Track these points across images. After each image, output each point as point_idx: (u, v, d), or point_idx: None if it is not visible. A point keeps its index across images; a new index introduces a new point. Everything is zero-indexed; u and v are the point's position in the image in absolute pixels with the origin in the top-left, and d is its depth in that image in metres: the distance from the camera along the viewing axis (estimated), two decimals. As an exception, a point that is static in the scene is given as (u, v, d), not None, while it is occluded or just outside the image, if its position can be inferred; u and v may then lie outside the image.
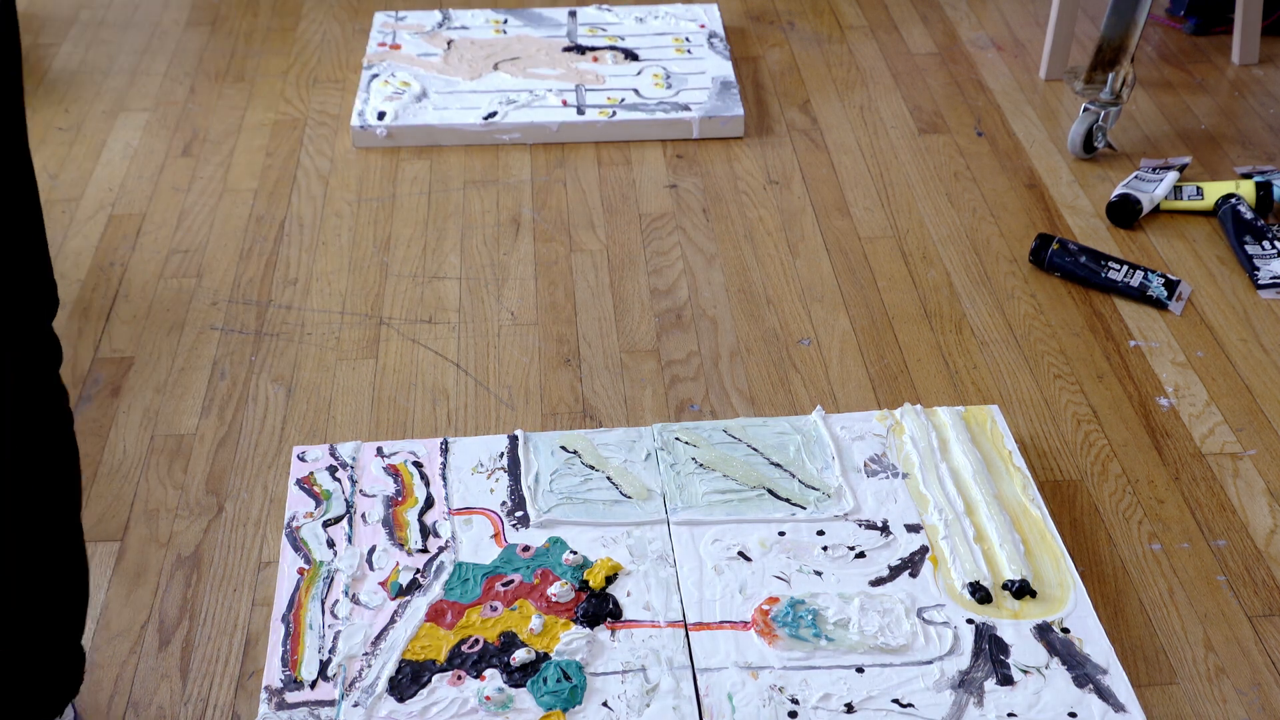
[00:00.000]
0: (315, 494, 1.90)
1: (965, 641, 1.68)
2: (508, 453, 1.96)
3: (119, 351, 2.21)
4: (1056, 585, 1.75)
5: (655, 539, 1.82)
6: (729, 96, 2.82)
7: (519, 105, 2.78)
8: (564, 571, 1.77)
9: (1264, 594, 1.79)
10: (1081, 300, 2.31)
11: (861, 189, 2.61)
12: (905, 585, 1.76)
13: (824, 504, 1.87)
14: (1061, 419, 2.07)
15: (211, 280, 2.37)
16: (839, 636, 1.69)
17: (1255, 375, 2.15)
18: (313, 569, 1.79)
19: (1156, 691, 1.66)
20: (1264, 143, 2.75)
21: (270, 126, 2.81)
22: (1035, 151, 2.72)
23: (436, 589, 1.76)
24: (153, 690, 1.67)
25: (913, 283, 2.36)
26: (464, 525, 1.85)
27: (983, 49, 3.11)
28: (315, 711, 1.61)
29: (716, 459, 1.95)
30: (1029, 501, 1.87)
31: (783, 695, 1.61)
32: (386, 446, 1.98)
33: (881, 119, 2.84)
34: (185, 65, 3.05)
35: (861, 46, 3.12)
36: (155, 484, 1.96)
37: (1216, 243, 2.46)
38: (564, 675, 1.64)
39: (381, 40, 3.04)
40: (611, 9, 3.18)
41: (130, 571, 1.82)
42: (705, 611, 1.72)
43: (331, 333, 2.24)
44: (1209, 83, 2.96)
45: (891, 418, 2.02)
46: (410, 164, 2.69)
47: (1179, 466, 1.98)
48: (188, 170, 2.68)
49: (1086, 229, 2.49)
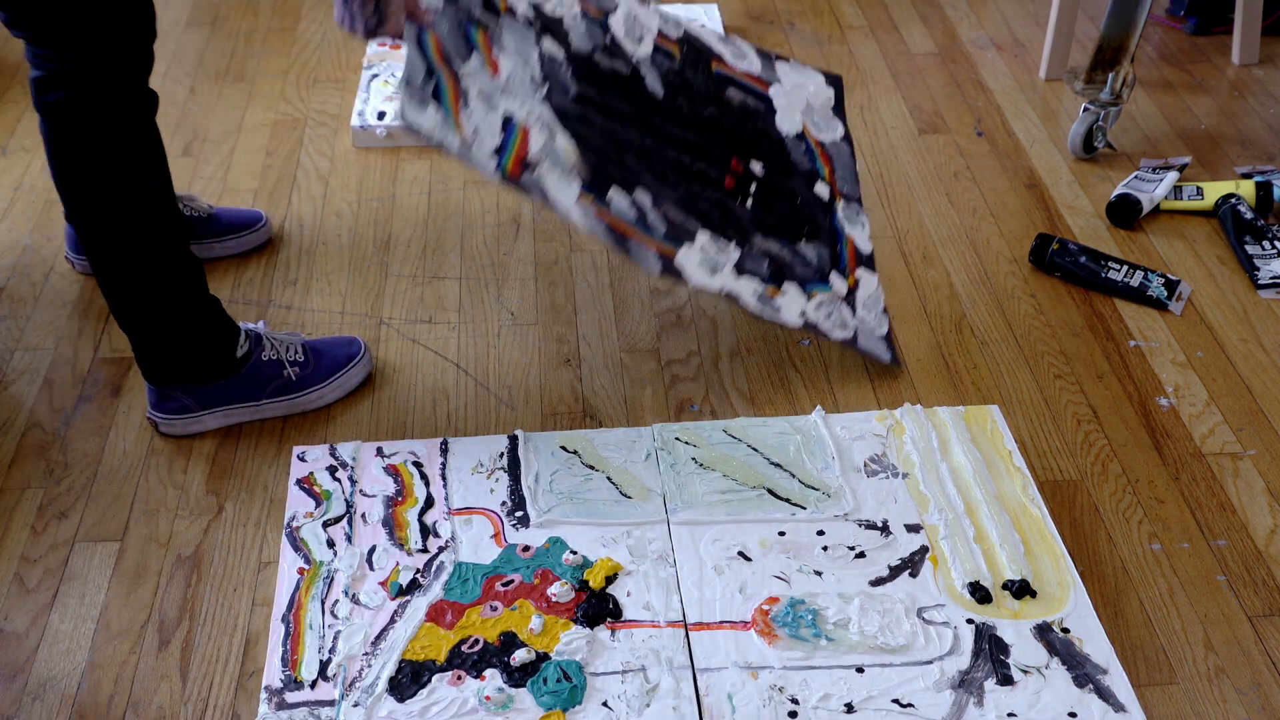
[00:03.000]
0: (315, 494, 1.90)
1: (965, 641, 1.68)
2: (508, 453, 1.96)
3: (119, 351, 2.21)
4: (1056, 585, 1.75)
5: (655, 539, 1.82)
6: (729, 96, 2.81)
7: (519, 105, 2.77)
8: (564, 571, 1.77)
9: (1264, 594, 1.79)
10: (1081, 300, 2.31)
11: (862, 189, 2.61)
12: (905, 585, 1.76)
13: (824, 504, 1.87)
14: (1061, 419, 2.07)
15: (212, 280, 2.36)
16: (839, 636, 1.69)
17: (1255, 375, 2.15)
18: (313, 569, 1.79)
19: (1156, 691, 1.66)
20: (1264, 143, 2.75)
21: (270, 126, 2.81)
22: (1035, 151, 2.72)
23: (436, 589, 1.76)
24: (153, 690, 1.67)
25: (913, 283, 2.36)
26: (464, 525, 1.85)
27: (983, 49, 3.11)
28: (315, 711, 1.61)
29: (716, 459, 1.95)
30: (1029, 501, 1.87)
31: (783, 695, 1.62)
32: (386, 446, 1.98)
33: (881, 119, 2.84)
34: (185, 65, 3.05)
35: (861, 46, 3.12)
36: (155, 484, 1.96)
37: (1216, 243, 2.46)
38: (564, 675, 1.64)
39: (381, 40, 3.04)
40: (611, 9, 3.17)
41: (130, 571, 1.82)
42: (705, 611, 1.72)
43: (331, 333, 2.24)
44: (1209, 83, 2.96)
45: (891, 418, 2.02)
46: (410, 164, 2.69)
47: (1179, 466, 1.98)
48: (188, 170, 2.68)
49: (1086, 229, 2.49)
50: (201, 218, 2.37)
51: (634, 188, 2.04)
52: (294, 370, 2.03)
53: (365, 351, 2.11)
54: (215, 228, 2.38)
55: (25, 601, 1.78)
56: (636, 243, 2.00)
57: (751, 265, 2.09)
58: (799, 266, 2.13)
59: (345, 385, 2.08)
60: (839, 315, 2.08)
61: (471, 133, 1.93)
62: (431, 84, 1.94)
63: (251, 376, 2.01)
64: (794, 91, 2.34)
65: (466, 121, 1.94)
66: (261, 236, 2.42)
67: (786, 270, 2.12)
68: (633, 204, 2.01)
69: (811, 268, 2.15)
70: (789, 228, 2.17)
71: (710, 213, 2.11)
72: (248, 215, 2.42)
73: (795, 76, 2.37)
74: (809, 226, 2.19)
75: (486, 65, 2.01)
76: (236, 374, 2.00)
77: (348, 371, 2.08)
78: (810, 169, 2.28)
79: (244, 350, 2.01)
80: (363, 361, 2.10)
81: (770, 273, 2.10)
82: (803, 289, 2.11)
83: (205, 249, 2.37)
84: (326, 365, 2.07)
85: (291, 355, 2.04)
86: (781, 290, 2.09)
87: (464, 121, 1.94)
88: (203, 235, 2.37)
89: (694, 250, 2.04)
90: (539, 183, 1.96)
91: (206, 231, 2.37)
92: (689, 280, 2.03)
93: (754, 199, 2.16)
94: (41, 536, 1.88)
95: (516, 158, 1.96)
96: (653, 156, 2.11)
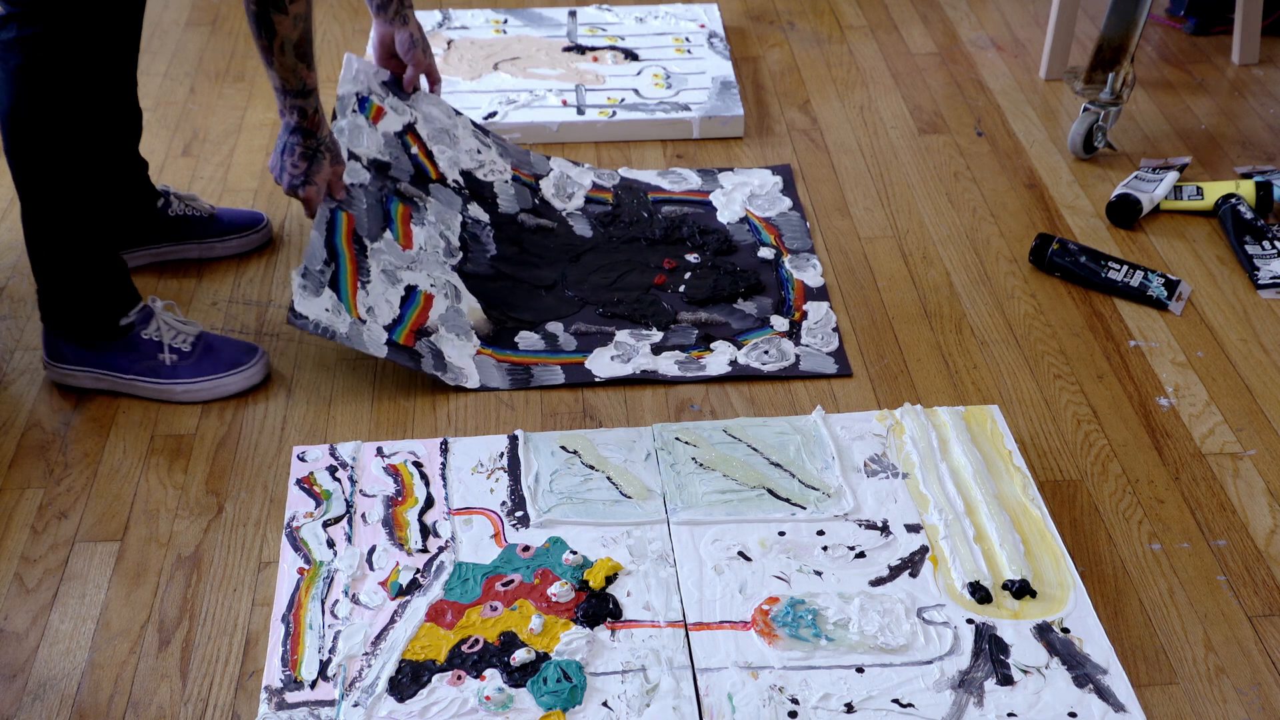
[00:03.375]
0: (315, 494, 1.90)
1: (965, 641, 1.68)
2: (508, 453, 1.96)
3: (119, 351, 2.21)
4: (1056, 585, 1.75)
5: (655, 539, 1.82)
6: (729, 96, 2.82)
7: (519, 105, 2.78)
8: (564, 571, 1.77)
9: (1264, 594, 1.79)
10: (1081, 300, 2.31)
11: (861, 189, 2.61)
12: (905, 585, 1.76)
13: (824, 504, 1.87)
14: (1061, 419, 2.07)
15: (211, 280, 2.37)
16: (839, 636, 1.69)
17: (1255, 375, 2.15)
18: (313, 569, 1.79)
19: (1156, 691, 1.66)
20: (1264, 143, 2.75)
21: (270, 126, 2.81)
22: (1035, 151, 2.72)
23: (436, 589, 1.76)
24: (153, 690, 1.67)
25: (913, 283, 2.36)
26: (464, 525, 1.85)
27: (983, 49, 3.11)
28: (315, 711, 1.61)
29: (716, 459, 1.95)
30: (1029, 501, 1.87)
31: (783, 695, 1.61)
32: (386, 446, 1.98)
33: (881, 119, 2.84)
34: (185, 65, 3.05)
35: (861, 46, 3.12)
36: (155, 484, 1.96)
37: (1216, 243, 2.46)
38: (564, 675, 1.64)
39: (381, 40, 3.04)
40: (611, 9, 3.18)
41: (130, 571, 1.82)
42: (705, 611, 1.72)
43: (331, 333, 2.24)
44: (1209, 83, 2.96)
45: (891, 418, 2.02)
46: (410, 164, 2.69)
47: (1179, 466, 1.98)
48: (188, 170, 2.68)
49: (1086, 229, 2.49)
50: (203, 218, 2.37)
51: (544, 323, 2.19)
52: (171, 357, 2.04)
53: (256, 363, 2.10)
54: (217, 228, 2.38)
55: (25, 601, 1.78)
56: (541, 368, 2.11)
57: (676, 340, 2.17)
58: (735, 322, 2.21)
59: (216, 390, 2.07)
60: (776, 350, 2.13)
61: (365, 311, 2.07)
62: (330, 270, 2.08)
63: (126, 348, 2.04)
64: (735, 190, 2.51)
65: (362, 302, 2.08)
66: (263, 237, 2.42)
67: (718, 331, 2.19)
68: (542, 336, 2.15)
69: (751, 318, 2.22)
70: (725, 293, 2.27)
71: (630, 313, 2.22)
72: (249, 216, 2.43)
73: (738, 178, 2.56)
74: (747, 286, 2.29)
75: (399, 239, 2.18)
76: (114, 341, 2.04)
77: (224, 377, 2.07)
78: (754, 241, 2.41)
79: (129, 321, 2.04)
80: (248, 372, 2.09)
81: (697, 339, 2.17)
82: (733, 341, 2.17)
83: (207, 249, 2.38)
84: (208, 364, 2.07)
85: (177, 342, 2.05)
86: (711, 350, 2.16)
87: (359, 302, 2.08)
88: (204, 235, 2.37)
89: (606, 350, 2.14)
90: (434, 345, 2.09)
91: (208, 232, 2.37)
92: (597, 377, 2.11)
93: (686, 284, 2.28)
94: (41, 536, 1.88)
95: (412, 327, 2.10)
96: (572, 288, 2.25)
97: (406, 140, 2.40)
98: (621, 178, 2.54)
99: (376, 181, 2.27)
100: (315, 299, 2.04)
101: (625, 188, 2.53)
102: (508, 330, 2.18)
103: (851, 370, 2.14)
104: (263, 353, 2.12)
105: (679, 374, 2.11)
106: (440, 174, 2.36)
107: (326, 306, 2.05)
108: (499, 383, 2.10)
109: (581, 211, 2.44)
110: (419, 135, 2.42)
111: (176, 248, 2.37)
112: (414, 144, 2.40)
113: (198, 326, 2.12)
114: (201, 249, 2.37)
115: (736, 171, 2.58)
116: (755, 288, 2.29)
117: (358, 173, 2.25)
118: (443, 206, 2.30)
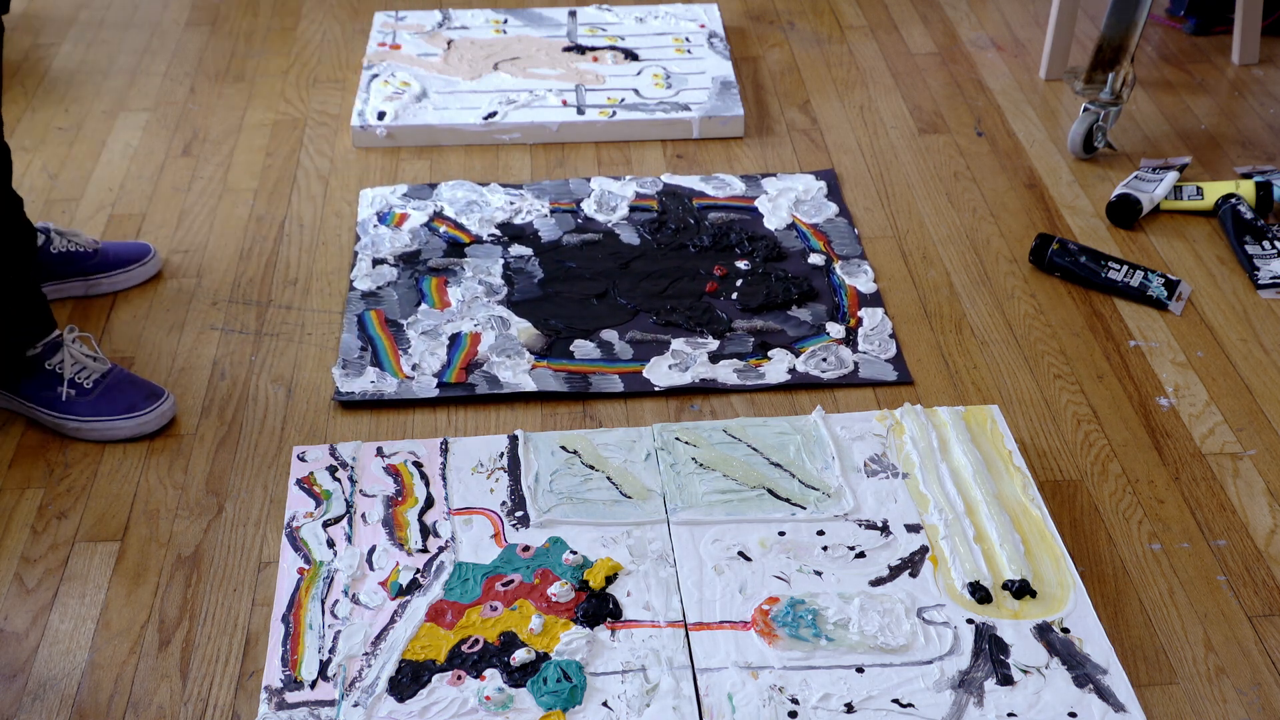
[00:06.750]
0: (315, 494, 1.90)
1: (965, 641, 1.68)
2: (508, 453, 1.96)
3: (119, 351, 2.21)
4: (1056, 585, 1.75)
5: (655, 539, 1.82)
6: (729, 96, 2.82)
7: (519, 105, 2.78)
8: (564, 571, 1.77)
9: (1264, 594, 1.79)
10: (1081, 300, 2.31)
11: (861, 189, 2.61)
12: (905, 585, 1.76)
13: (824, 504, 1.87)
14: (1061, 419, 2.07)
15: (211, 280, 2.37)
16: (839, 636, 1.69)
17: (1255, 375, 2.15)
18: (313, 569, 1.79)
19: (1156, 691, 1.66)
20: (1264, 143, 2.75)
21: (270, 126, 2.81)
22: (1035, 151, 2.72)
23: (436, 589, 1.76)
24: (153, 690, 1.67)
25: (913, 283, 2.36)
26: (464, 525, 1.85)
27: (983, 49, 3.11)
28: (315, 711, 1.61)
29: (716, 459, 1.95)
30: (1029, 501, 1.87)
31: (783, 695, 1.62)
32: (386, 446, 1.98)
33: (881, 119, 2.84)
34: (185, 65, 3.05)
35: (861, 46, 3.12)
36: (155, 484, 1.96)
37: (1216, 243, 2.46)
38: (564, 675, 1.64)
39: (381, 40, 3.04)
40: (611, 9, 3.18)
41: (130, 571, 1.82)
42: (705, 611, 1.72)
43: (331, 333, 2.24)
44: (1209, 83, 2.96)
45: (891, 418, 2.02)
46: (410, 164, 2.69)
47: (1179, 466, 1.98)
48: (188, 170, 2.68)
49: (1086, 229, 2.49)
50: (87, 253, 2.30)
51: (599, 331, 2.20)
52: (69, 392, 2.01)
53: (153, 410, 2.03)
54: (102, 262, 2.31)
55: (25, 601, 1.78)
56: (599, 376, 2.11)
57: (733, 348, 2.17)
58: (790, 329, 2.20)
59: (106, 432, 2.02)
60: (835, 358, 2.13)
61: (411, 369, 2.12)
62: (368, 354, 2.15)
63: (26, 375, 2.03)
64: (780, 195, 2.51)
65: (405, 363, 2.13)
66: (150, 270, 2.35)
67: (774, 339, 2.19)
68: (598, 345, 2.16)
69: (806, 325, 2.21)
70: (778, 300, 2.27)
71: (684, 320, 2.22)
72: (135, 249, 2.35)
73: (782, 183, 2.56)
74: (801, 293, 2.28)
75: (436, 306, 2.24)
76: (21, 369, 2.03)
77: (116, 420, 2.02)
78: (804, 247, 2.41)
79: (35, 352, 2.02)
80: (142, 419, 2.02)
81: (755, 347, 2.17)
82: (791, 349, 2.16)
83: (92, 285, 2.31)
84: (104, 405, 2.02)
85: (80, 378, 2.02)
86: (768, 358, 2.15)
87: (403, 365, 2.13)
88: (89, 271, 2.29)
89: (663, 359, 2.14)
90: (487, 373, 2.11)
91: (93, 266, 2.29)
92: (656, 387, 2.10)
93: (739, 291, 2.28)
94: (41, 536, 1.88)
95: (462, 365, 2.13)
96: (623, 295, 2.26)
97: (434, 225, 2.45)
98: (665, 184, 2.55)
99: (405, 271, 2.33)
100: (358, 377, 2.10)
101: (669, 194, 2.54)
102: (562, 340, 2.18)
103: (912, 378, 2.14)
104: (168, 397, 2.05)
105: (739, 383, 2.11)
106: (474, 237, 2.41)
107: (371, 380, 2.10)
108: (557, 386, 2.10)
109: (627, 220, 2.45)
110: (446, 217, 2.46)
111: (60, 285, 2.29)
112: (441, 225, 2.45)
113: (107, 364, 2.06)
114: (87, 285, 2.30)
115: (779, 177, 2.59)
116: (808, 294, 2.29)
117: (384, 274, 2.31)
118: (480, 260, 2.35)
